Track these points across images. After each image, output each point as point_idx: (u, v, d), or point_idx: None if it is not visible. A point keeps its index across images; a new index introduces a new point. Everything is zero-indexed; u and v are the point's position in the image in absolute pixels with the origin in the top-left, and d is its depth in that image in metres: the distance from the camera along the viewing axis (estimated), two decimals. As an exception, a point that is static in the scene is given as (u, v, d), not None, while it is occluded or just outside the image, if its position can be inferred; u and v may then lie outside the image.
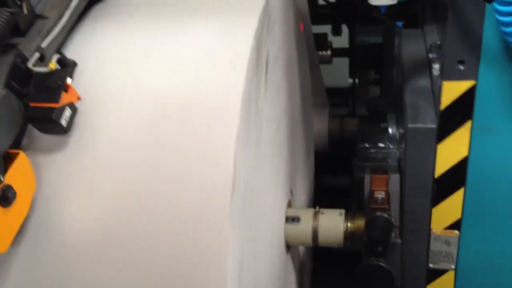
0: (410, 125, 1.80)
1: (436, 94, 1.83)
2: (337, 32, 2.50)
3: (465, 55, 1.64)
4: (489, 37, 1.58)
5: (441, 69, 1.72)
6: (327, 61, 2.56)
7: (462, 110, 1.71)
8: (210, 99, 1.25)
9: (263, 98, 1.45)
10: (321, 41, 2.45)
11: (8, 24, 1.20)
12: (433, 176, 1.82)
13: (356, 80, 3.38)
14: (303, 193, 2.23)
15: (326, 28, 2.55)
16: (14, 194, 1.11)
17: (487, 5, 1.50)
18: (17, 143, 1.25)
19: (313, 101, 2.69)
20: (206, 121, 1.23)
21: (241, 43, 1.32)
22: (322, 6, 2.41)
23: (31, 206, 1.19)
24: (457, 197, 1.85)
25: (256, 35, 1.35)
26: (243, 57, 1.29)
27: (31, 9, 1.28)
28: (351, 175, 2.52)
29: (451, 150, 1.78)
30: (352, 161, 2.26)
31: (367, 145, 2.25)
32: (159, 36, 1.40)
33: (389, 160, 2.10)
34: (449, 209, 1.87)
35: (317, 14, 2.33)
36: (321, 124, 2.85)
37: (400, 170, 2.00)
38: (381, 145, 2.27)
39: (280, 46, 1.70)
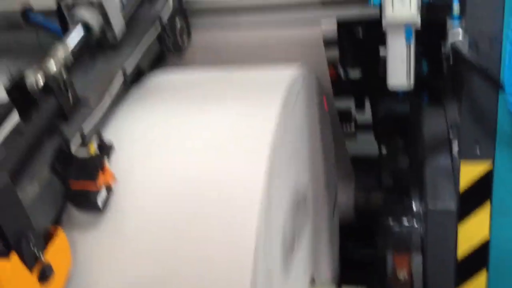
0: (430, 207, 1.83)
1: (456, 173, 1.87)
2: (360, 106, 2.58)
3: (481, 136, 1.69)
4: (504, 119, 1.63)
5: (458, 149, 1.77)
6: (351, 136, 2.63)
7: (481, 191, 1.75)
8: (232, 186, 1.33)
9: (283, 180, 1.52)
10: (345, 117, 2.53)
11: (54, 113, 1.31)
12: (455, 257, 1.83)
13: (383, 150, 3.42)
14: (328, 269, 2.24)
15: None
16: (51, 271, 1.18)
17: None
18: (57, 219, 1.34)
19: (338, 174, 2.75)
20: (227, 206, 1.30)
21: (262, 130, 1.41)
22: (345, 82, 2.50)
23: (66, 281, 1.26)
24: (480, 279, 1.85)
25: (278, 119, 1.44)
26: (264, 142, 1.37)
27: (75, 97, 1.39)
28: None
29: (472, 231, 1.80)
30: (376, 237, 2.28)
31: (390, 222, 2.27)
32: (186, 122, 1.50)
33: (412, 239, 2.11)
34: (473, 290, 1.87)
35: (341, 89, 2.42)
36: (347, 197, 2.89)
37: (423, 248, 2.01)
38: (404, 222, 2.29)
39: (302, 127, 1.79)
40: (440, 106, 2.37)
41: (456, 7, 1.62)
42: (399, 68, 1.81)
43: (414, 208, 2.24)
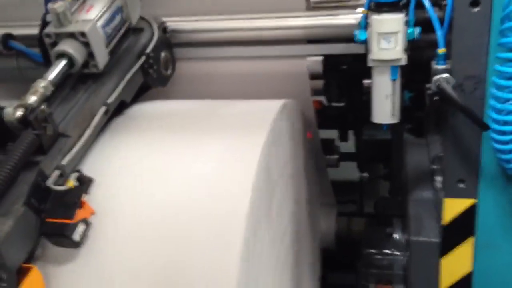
0: (413, 238, 1.84)
1: (438, 206, 1.87)
2: (343, 138, 2.60)
3: (465, 175, 1.70)
4: (487, 159, 1.65)
5: (442, 186, 1.78)
6: (334, 165, 2.64)
7: (464, 226, 1.75)
8: (216, 219, 1.32)
9: (267, 217, 1.51)
10: (328, 146, 2.55)
11: (32, 145, 1.30)
12: (438, 290, 1.83)
13: (365, 175, 3.43)
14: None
15: (334, 134, 2.66)
16: (24, 309, 1.15)
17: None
18: (32, 252, 1.32)
19: (320, 201, 2.75)
20: (210, 241, 1.29)
21: (248, 162, 1.41)
22: (330, 109, 2.53)
23: (39, 319, 1.24)
24: (462, 313, 1.84)
25: (263, 152, 1.44)
26: (249, 177, 1.37)
27: (55, 130, 1.39)
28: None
29: (455, 265, 1.80)
30: (357, 265, 2.28)
31: (371, 251, 2.27)
32: (171, 153, 1.50)
33: (394, 269, 2.11)
34: (456, 325, 1.86)
35: (324, 121, 2.44)
36: (328, 224, 2.89)
37: (405, 280, 2.01)
38: (386, 251, 2.29)
39: (287, 158, 1.79)
40: (422, 139, 2.39)
41: (441, 50, 1.64)
42: (384, 103, 1.82)
43: (396, 237, 2.24)
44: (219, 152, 1.48)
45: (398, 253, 2.23)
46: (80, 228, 1.29)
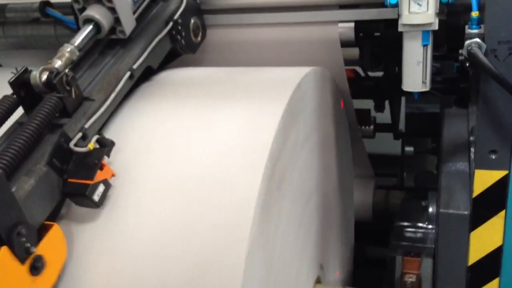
0: (442, 210, 1.79)
1: (472, 179, 1.81)
2: (379, 108, 2.54)
3: (497, 145, 1.64)
4: (521, 128, 1.58)
5: (474, 157, 1.72)
6: (370, 136, 2.59)
7: (495, 199, 1.69)
8: (232, 184, 1.33)
9: (287, 181, 1.51)
10: (363, 117, 2.50)
11: (55, 108, 1.34)
12: (466, 264, 1.79)
13: (411, 149, 3.36)
14: (337, 267, 2.23)
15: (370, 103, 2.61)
16: (43, 263, 1.21)
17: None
18: (56, 211, 1.37)
19: (357, 173, 2.72)
20: (226, 204, 1.31)
21: (264, 132, 1.40)
22: (365, 79, 2.47)
23: (60, 274, 1.29)
24: (492, 287, 1.80)
25: (281, 123, 1.43)
26: (265, 146, 1.37)
27: (79, 93, 1.42)
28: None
29: (484, 239, 1.75)
30: (389, 237, 2.26)
31: (404, 223, 2.24)
32: (192, 120, 1.51)
33: (425, 242, 2.07)
34: (484, 299, 1.82)
35: (359, 90, 2.39)
36: (365, 196, 2.87)
37: (435, 253, 1.97)
38: (419, 224, 2.26)
39: (312, 126, 1.77)
40: (464, 110, 2.31)
41: (474, 13, 1.57)
42: (415, 70, 1.76)
43: (430, 211, 2.20)
44: (238, 118, 1.49)
45: (430, 227, 2.19)
46: (100, 188, 1.33)
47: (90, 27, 1.57)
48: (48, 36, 2.11)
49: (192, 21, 1.91)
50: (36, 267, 1.19)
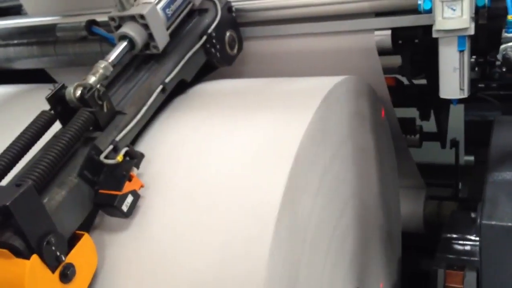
0: (484, 222, 1.72)
1: (520, 190, 1.74)
2: (425, 117, 2.47)
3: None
4: None
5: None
6: (416, 145, 2.53)
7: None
8: (253, 195, 1.35)
9: (316, 193, 1.50)
10: (408, 126, 2.44)
11: (87, 122, 1.40)
12: (513, 279, 1.70)
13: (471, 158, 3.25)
14: (380, 280, 2.17)
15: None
16: (73, 271, 1.26)
17: None
18: (90, 221, 1.43)
19: (405, 183, 2.65)
20: (249, 212, 1.32)
21: (290, 140, 1.41)
22: (407, 87, 2.41)
23: (91, 282, 1.34)
24: (540, 304, 1.70)
25: (308, 131, 1.43)
26: (290, 153, 1.37)
27: (111, 108, 1.48)
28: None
29: (532, 252, 1.66)
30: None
31: (450, 235, 2.16)
32: (220, 131, 1.54)
33: (471, 255, 1.99)
34: (531, 314, 1.72)
35: (402, 99, 2.34)
36: (415, 207, 2.79)
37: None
38: (467, 237, 2.17)
39: (346, 135, 1.75)
40: (517, 116, 2.22)
41: (510, 16, 1.51)
42: (452, 77, 1.72)
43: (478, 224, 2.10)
44: (266, 128, 1.50)
45: (478, 239, 2.10)
46: (128, 199, 1.37)
47: (125, 43, 1.63)
48: (95, 53, 2.20)
49: (228, 34, 1.94)
50: (66, 275, 1.24)
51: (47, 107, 1.50)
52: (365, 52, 1.98)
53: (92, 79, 1.50)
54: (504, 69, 1.52)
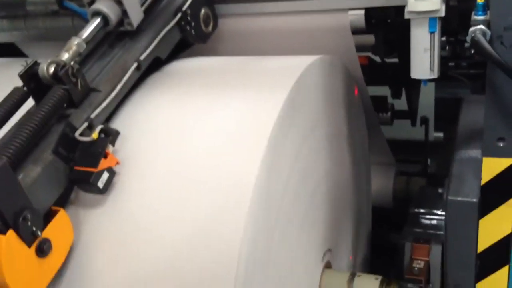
0: (450, 197, 1.78)
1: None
2: (396, 95, 2.52)
3: (505, 133, 1.61)
4: (528, 115, 1.55)
5: (482, 145, 1.70)
6: (388, 122, 2.58)
7: (504, 187, 1.67)
8: (228, 171, 1.37)
9: (290, 169, 1.54)
10: (380, 104, 2.49)
11: (61, 99, 1.40)
12: (476, 251, 1.78)
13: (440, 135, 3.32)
14: (349, 253, 2.24)
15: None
16: (49, 246, 1.28)
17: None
18: (65, 197, 1.44)
19: (376, 160, 2.71)
20: (225, 187, 1.36)
21: (264, 119, 1.43)
22: (379, 66, 2.45)
23: (68, 256, 1.36)
24: (502, 274, 1.78)
25: (282, 111, 1.46)
26: (264, 132, 1.40)
27: (85, 85, 1.48)
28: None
29: (493, 226, 1.73)
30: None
31: (417, 210, 2.23)
32: (195, 109, 1.55)
33: (437, 229, 2.07)
34: (494, 286, 1.80)
35: (375, 77, 2.38)
36: (385, 182, 2.86)
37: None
38: (434, 211, 2.25)
39: (320, 113, 1.79)
40: (483, 97, 2.27)
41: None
42: (422, 57, 1.75)
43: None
44: (240, 107, 1.52)
45: (444, 214, 2.18)
46: (104, 176, 1.39)
47: (98, 20, 1.62)
48: (67, 27, 2.17)
49: (203, 11, 1.94)
50: (43, 250, 1.26)
51: (19, 82, 1.49)
52: (339, 31, 2.01)
53: (65, 56, 1.50)
54: (472, 51, 1.56)
